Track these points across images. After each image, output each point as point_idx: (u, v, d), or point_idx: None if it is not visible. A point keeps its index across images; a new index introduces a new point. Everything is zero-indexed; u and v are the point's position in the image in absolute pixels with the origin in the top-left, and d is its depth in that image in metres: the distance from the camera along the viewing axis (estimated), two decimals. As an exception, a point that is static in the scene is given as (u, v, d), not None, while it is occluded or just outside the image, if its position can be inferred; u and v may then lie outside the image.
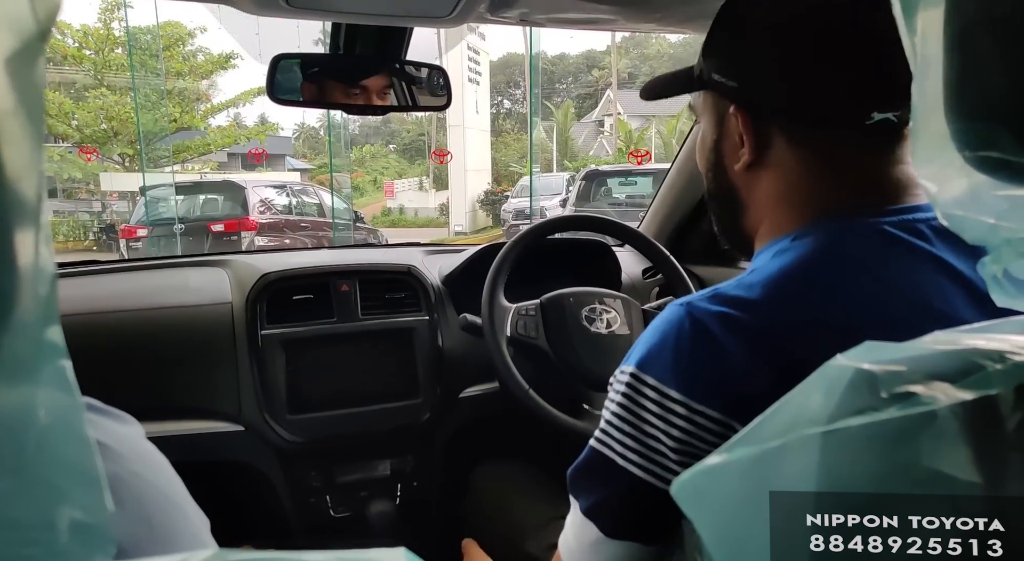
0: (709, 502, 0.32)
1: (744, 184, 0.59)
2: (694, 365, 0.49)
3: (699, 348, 0.49)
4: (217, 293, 1.21)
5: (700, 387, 0.48)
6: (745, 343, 0.48)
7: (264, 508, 1.22)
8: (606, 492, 0.52)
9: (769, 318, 0.49)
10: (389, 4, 0.85)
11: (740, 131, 0.57)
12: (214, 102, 14.39)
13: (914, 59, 0.35)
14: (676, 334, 0.50)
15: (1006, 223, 0.33)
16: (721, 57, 0.58)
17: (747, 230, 0.61)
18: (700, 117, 0.64)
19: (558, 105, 23.30)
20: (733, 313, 0.49)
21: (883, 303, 0.49)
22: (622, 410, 0.51)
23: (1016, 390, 0.30)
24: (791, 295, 0.50)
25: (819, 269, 0.51)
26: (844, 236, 0.52)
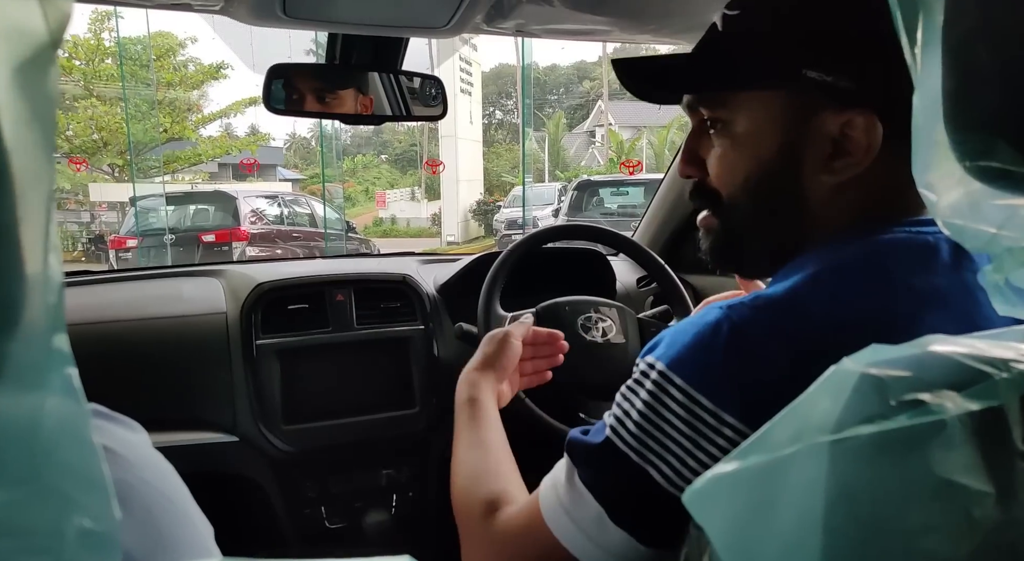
0: (721, 509, 0.32)
1: (825, 199, 0.52)
2: (727, 373, 0.45)
3: (733, 355, 0.45)
4: (211, 303, 1.20)
5: (732, 397, 0.45)
6: (784, 350, 0.45)
7: (258, 519, 1.21)
8: (613, 477, 0.48)
9: (816, 318, 0.46)
10: (386, 14, 0.85)
11: (839, 137, 0.49)
12: (205, 112, 14.35)
13: (914, 69, 0.35)
14: (712, 337, 0.46)
15: (1007, 232, 0.33)
16: (820, 48, 0.48)
17: (792, 249, 0.54)
18: (733, 116, 0.53)
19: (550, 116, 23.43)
20: (775, 319, 0.46)
21: (928, 314, 0.46)
22: (645, 408, 0.47)
23: (1022, 400, 0.30)
24: (827, 299, 0.47)
25: (868, 274, 0.48)
26: (882, 244, 0.49)
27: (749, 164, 0.53)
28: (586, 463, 0.50)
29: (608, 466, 0.49)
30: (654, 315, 1.22)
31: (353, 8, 0.82)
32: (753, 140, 0.53)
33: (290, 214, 9.62)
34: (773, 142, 0.52)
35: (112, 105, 12.30)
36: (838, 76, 0.48)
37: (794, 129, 0.51)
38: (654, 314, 1.23)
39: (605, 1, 0.90)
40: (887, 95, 0.47)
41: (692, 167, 0.58)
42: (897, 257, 0.48)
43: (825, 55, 0.48)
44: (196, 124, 13.66)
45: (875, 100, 0.48)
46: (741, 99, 0.53)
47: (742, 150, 0.54)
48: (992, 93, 0.31)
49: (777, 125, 0.52)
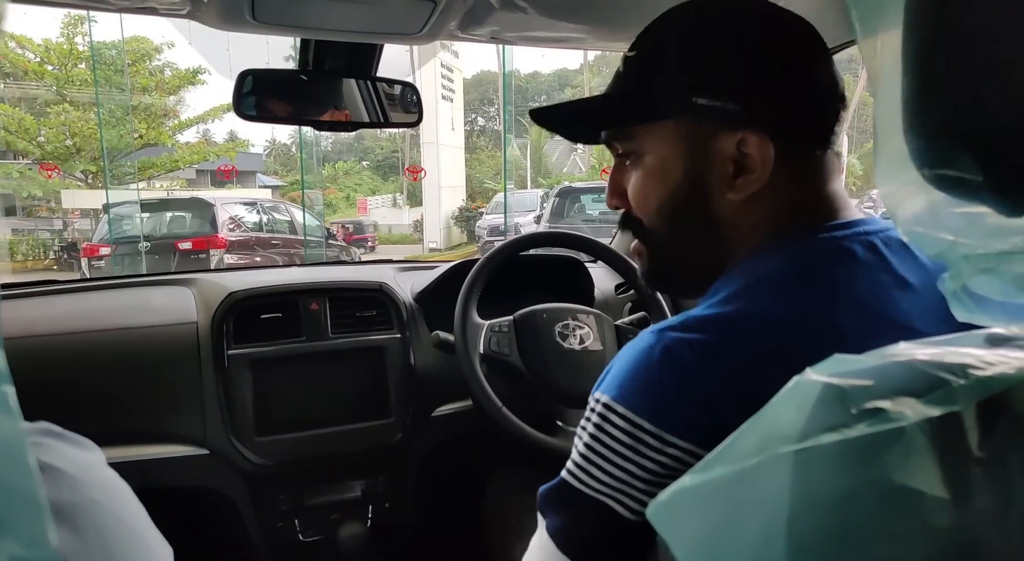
0: (685, 523, 0.32)
1: (735, 214, 0.55)
2: (665, 395, 0.47)
3: (669, 377, 0.47)
4: (181, 312, 1.17)
5: (672, 417, 0.46)
6: (716, 367, 0.47)
7: (229, 534, 1.18)
8: (572, 517, 0.50)
9: (740, 335, 0.48)
10: (359, 21, 0.85)
11: (738, 156, 0.52)
12: (182, 118, 14.18)
13: (874, 80, 0.35)
14: (647, 362, 0.48)
15: (964, 240, 0.33)
16: (705, 77, 0.53)
17: (716, 266, 0.57)
18: (641, 149, 0.57)
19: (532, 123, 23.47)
20: (703, 338, 0.48)
21: (848, 316, 0.48)
22: (593, 440, 0.49)
23: (978, 406, 0.30)
24: (756, 314, 0.49)
25: (782, 287, 0.50)
26: (805, 252, 0.52)
27: (660, 191, 0.57)
28: (550, 509, 0.51)
29: (565, 502, 0.50)
30: (632, 322, 1.22)
31: (325, 14, 0.81)
32: (661, 168, 0.56)
33: (269, 221, 9.52)
34: (679, 168, 0.55)
35: (86, 110, 12.11)
36: (724, 100, 0.52)
37: (695, 154, 0.54)
38: (632, 321, 1.23)
39: (578, 10, 0.90)
40: (771, 112, 0.52)
41: (616, 198, 0.61)
42: (817, 263, 0.51)
43: (710, 82, 0.52)
44: (173, 130, 13.50)
45: (761, 118, 0.52)
46: (645, 132, 0.56)
47: (653, 179, 0.57)
48: (950, 102, 0.32)
49: (680, 152, 0.55)
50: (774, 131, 0.52)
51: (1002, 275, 0.33)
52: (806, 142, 0.54)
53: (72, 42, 12.14)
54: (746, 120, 0.52)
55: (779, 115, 0.52)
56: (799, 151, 0.53)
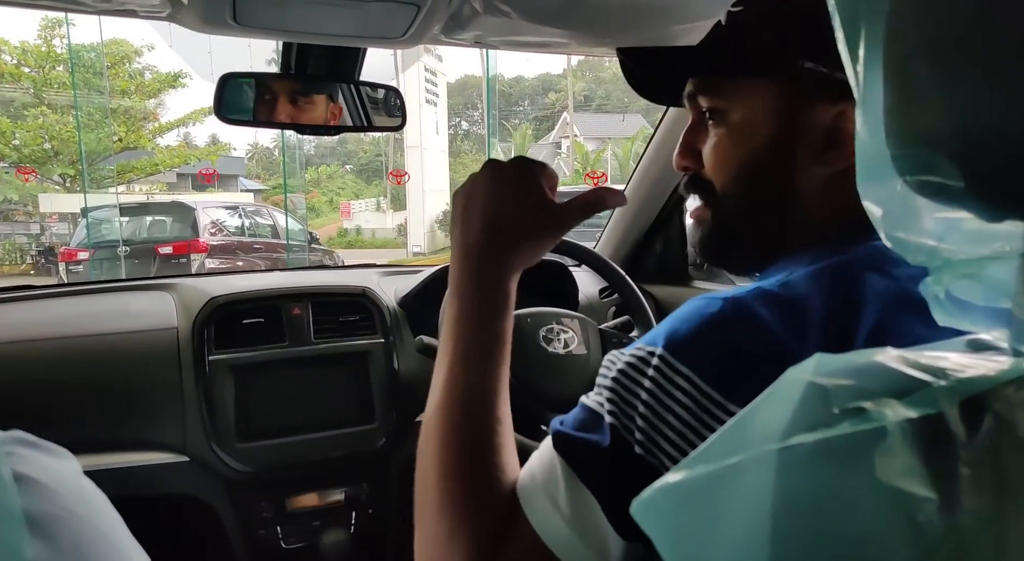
0: (668, 520, 0.32)
1: (816, 190, 0.51)
2: (738, 360, 0.42)
3: (746, 338, 0.42)
4: (161, 318, 1.16)
5: (744, 388, 0.39)
6: (786, 343, 0.42)
7: (210, 542, 1.16)
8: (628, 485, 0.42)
9: (816, 315, 0.44)
10: (341, 24, 0.84)
11: (832, 129, 0.50)
12: (162, 121, 14.02)
13: (856, 85, 0.36)
14: (718, 320, 0.43)
15: (946, 245, 0.34)
16: (817, 40, 0.47)
17: (782, 243, 0.53)
18: (730, 106, 0.53)
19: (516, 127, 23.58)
20: (779, 311, 0.43)
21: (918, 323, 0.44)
22: (649, 396, 0.43)
23: (960, 407, 0.30)
24: (835, 299, 0.45)
25: (865, 278, 0.46)
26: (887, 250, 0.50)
27: (742, 153, 0.53)
28: (594, 468, 0.43)
29: (622, 470, 0.43)
30: (616, 326, 1.22)
31: (306, 17, 0.80)
32: (749, 129, 0.53)
33: (251, 225, 9.44)
34: (768, 132, 0.52)
35: (64, 113, 11.93)
36: (833, 68, 0.48)
37: (789, 119, 0.51)
38: (615, 325, 1.23)
39: (562, 15, 0.90)
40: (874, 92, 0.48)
41: (688, 159, 0.58)
42: (895, 261, 0.47)
43: (822, 47, 0.48)
44: (153, 133, 13.34)
45: None
46: (739, 87, 0.53)
47: (737, 139, 0.54)
48: (931, 108, 0.32)
49: (772, 114, 0.52)
50: None
51: (983, 280, 0.34)
52: None
53: (50, 44, 11.96)
54: (851, 93, 0.50)
55: None
56: None
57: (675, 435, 0.42)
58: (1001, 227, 0.33)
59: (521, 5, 0.86)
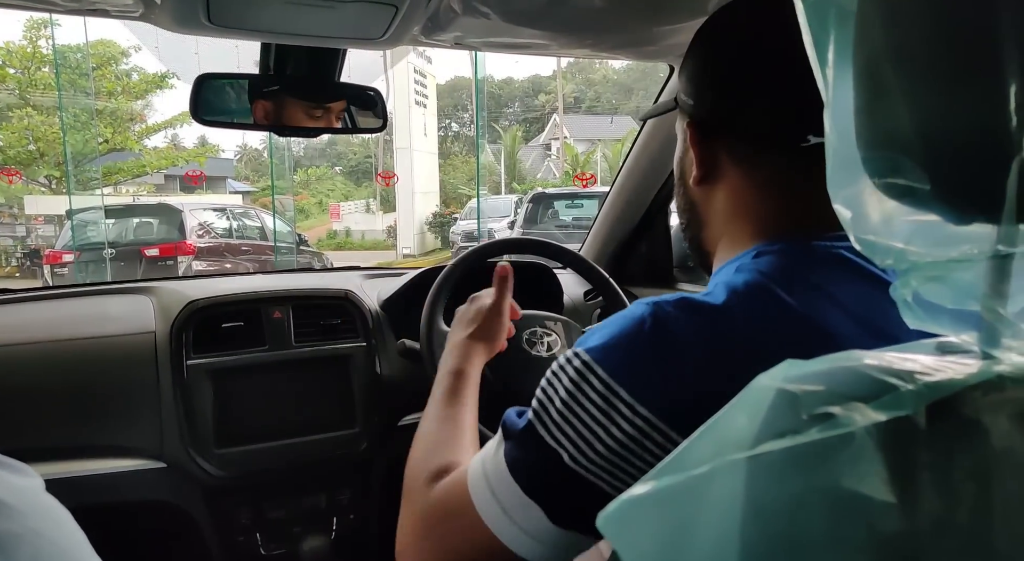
0: (636, 533, 0.31)
1: (701, 199, 0.61)
2: (648, 367, 0.47)
3: (658, 350, 0.47)
4: (139, 322, 1.14)
5: (651, 392, 0.46)
6: (706, 348, 0.47)
7: (187, 550, 1.15)
8: (529, 454, 0.50)
9: (730, 327, 0.48)
10: (318, 25, 0.83)
11: (704, 156, 0.59)
12: (149, 123, 13.91)
13: (825, 88, 0.35)
14: (637, 331, 0.48)
15: (913, 247, 0.34)
16: (684, 77, 0.60)
17: (706, 246, 0.62)
18: (678, 135, 0.65)
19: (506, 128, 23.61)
20: (698, 321, 0.48)
21: (837, 321, 0.49)
22: (567, 395, 0.49)
23: (927, 410, 0.30)
24: (751, 309, 0.49)
25: (778, 287, 0.50)
26: (802, 256, 0.53)
27: (676, 173, 0.65)
28: (510, 442, 0.52)
29: (528, 447, 0.50)
30: (599, 328, 1.22)
31: (282, 17, 0.79)
32: (678, 153, 0.64)
33: (239, 227, 9.37)
34: (679, 154, 0.63)
35: (49, 115, 11.80)
36: (687, 96, 0.59)
37: (683, 142, 0.62)
38: (599, 327, 1.23)
39: (541, 17, 0.90)
40: (701, 111, 0.58)
41: None
42: (810, 267, 0.52)
43: (691, 82, 0.59)
44: (140, 135, 13.22)
45: (695, 114, 0.58)
46: (677, 121, 0.64)
47: (677, 161, 0.65)
48: (898, 113, 0.32)
49: (680, 139, 0.63)
50: (704, 125, 0.58)
51: (951, 283, 0.34)
52: (758, 143, 0.56)
53: (35, 45, 11.84)
54: (690, 113, 0.59)
55: (715, 112, 0.57)
56: (753, 152, 0.56)
57: (585, 430, 0.47)
58: (969, 230, 0.32)
59: (500, 7, 0.86)
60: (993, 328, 0.32)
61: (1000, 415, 0.30)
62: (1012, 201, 0.29)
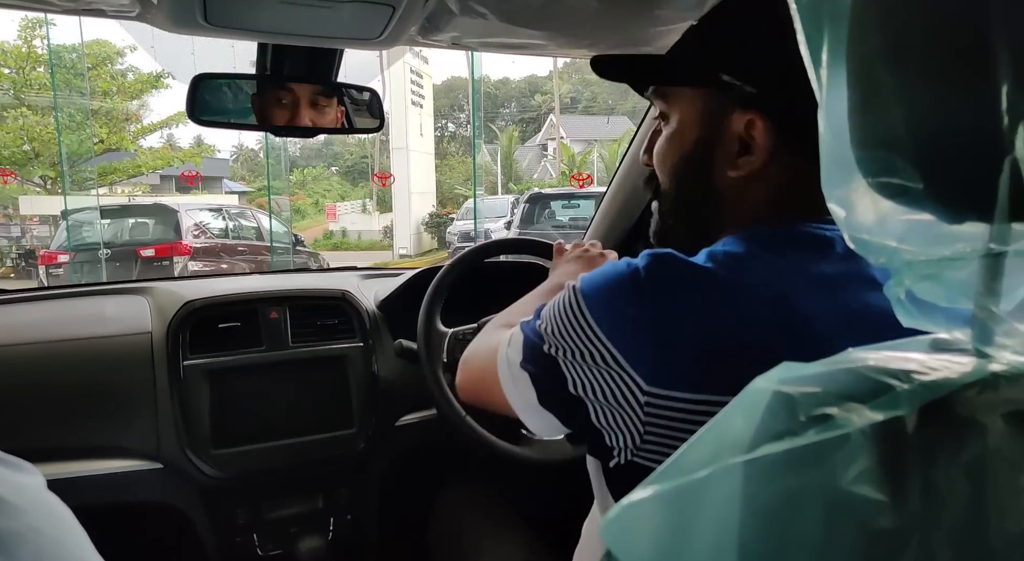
0: (636, 537, 0.32)
1: (733, 191, 0.58)
2: (630, 319, 0.50)
3: (643, 302, 0.50)
4: (135, 322, 1.14)
5: (625, 341, 0.50)
6: (689, 313, 0.49)
7: (184, 551, 1.15)
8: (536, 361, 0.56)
9: (719, 294, 0.50)
10: (315, 25, 0.83)
11: (745, 137, 0.55)
12: (145, 123, 13.86)
13: (819, 89, 0.36)
14: (629, 281, 0.51)
15: (907, 246, 0.34)
16: (733, 57, 0.56)
17: (709, 234, 0.60)
18: (671, 111, 0.61)
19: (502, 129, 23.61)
20: (689, 282, 0.50)
21: (815, 302, 0.50)
22: (561, 318, 0.54)
23: (921, 410, 0.30)
24: (740, 278, 0.51)
25: (767, 262, 0.52)
26: (794, 236, 0.54)
27: (675, 154, 0.61)
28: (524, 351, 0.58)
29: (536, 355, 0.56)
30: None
31: (279, 17, 0.79)
32: (680, 132, 0.60)
33: (236, 227, 9.34)
34: (693, 135, 0.59)
35: (44, 115, 11.77)
36: (744, 81, 0.55)
37: (710, 126, 0.58)
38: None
39: (539, 17, 0.90)
40: (782, 103, 0.55)
41: (647, 155, 0.65)
42: (796, 245, 0.54)
43: (740, 63, 0.55)
44: (135, 135, 13.18)
45: (771, 106, 0.55)
46: (678, 95, 0.60)
47: (672, 141, 0.61)
48: (891, 112, 0.32)
49: (698, 121, 0.59)
50: (782, 121, 0.54)
51: (944, 281, 0.34)
52: (809, 137, 0.54)
53: (30, 45, 11.80)
54: (758, 105, 0.55)
55: (788, 108, 0.54)
56: (802, 144, 0.55)
57: (565, 342, 0.53)
58: (961, 229, 0.33)
59: (497, 7, 0.86)
60: (986, 326, 0.32)
61: (994, 414, 0.30)
62: (1004, 200, 0.29)
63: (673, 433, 0.49)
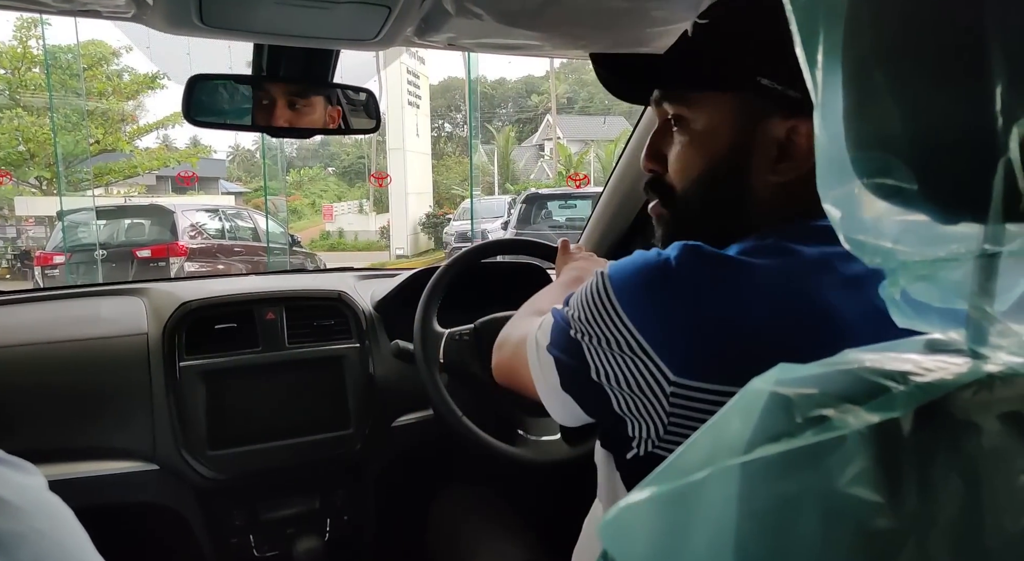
0: (633, 540, 0.32)
1: (769, 194, 0.56)
2: (657, 309, 0.49)
3: (671, 294, 0.50)
4: (131, 323, 1.14)
5: (653, 330, 0.49)
6: (720, 305, 0.49)
7: (180, 552, 1.14)
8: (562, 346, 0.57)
9: (752, 288, 0.50)
10: (311, 26, 0.83)
11: (785, 142, 0.54)
12: (141, 123, 13.82)
13: (815, 89, 0.36)
14: (661, 271, 0.51)
15: (901, 246, 0.34)
16: (773, 60, 0.53)
17: (732, 236, 0.58)
18: (692, 116, 0.59)
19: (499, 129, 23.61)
20: (722, 274, 0.50)
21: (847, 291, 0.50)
22: (590, 305, 0.54)
23: (917, 411, 0.30)
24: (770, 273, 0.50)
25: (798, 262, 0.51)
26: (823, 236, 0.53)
27: (704, 160, 0.58)
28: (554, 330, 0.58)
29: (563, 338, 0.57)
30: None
31: (275, 18, 0.79)
32: (710, 138, 0.58)
33: (232, 228, 9.32)
34: (726, 141, 0.57)
35: (39, 115, 11.72)
36: (787, 86, 0.53)
37: (746, 131, 0.56)
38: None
39: (536, 18, 0.90)
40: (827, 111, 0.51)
41: (654, 162, 0.63)
42: (824, 243, 0.52)
43: (779, 66, 0.52)
44: (131, 135, 13.15)
45: None
46: (703, 99, 0.58)
47: (699, 146, 0.58)
48: (886, 113, 0.32)
49: (731, 125, 0.56)
50: None
51: (939, 281, 0.34)
52: None
53: (26, 45, 11.75)
54: (802, 110, 0.52)
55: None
56: None
57: (592, 329, 0.53)
58: (956, 229, 0.33)
59: (494, 7, 0.85)
60: (981, 326, 0.33)
61: (990, 415, 0.30)
62: (999, 200, 0.29)
63: (698, 425, 0.48)
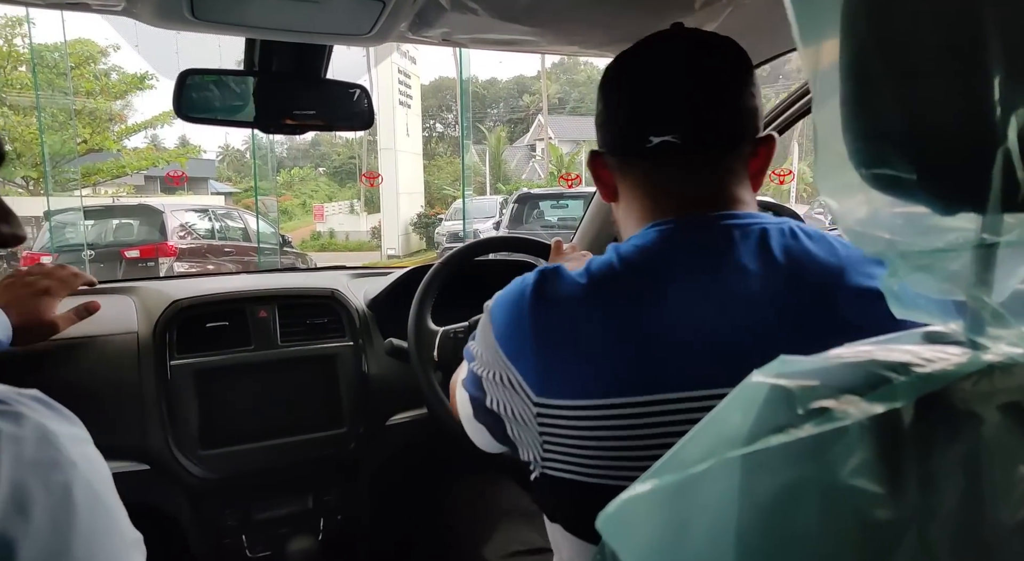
0: (635, 532, 0.31)
1: (616, 215, 0.69)
2: (517, 329, 0.56)
3: (530, 315, 0.55)
4: (121, 322, 1.12)
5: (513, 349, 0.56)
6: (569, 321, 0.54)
7: (172, 553, 1.13)
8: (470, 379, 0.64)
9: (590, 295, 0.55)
10: (304, 20, 0.82)
11: None
12: (129, 123, 13.71)
13: (814, 83, 0.36)
14: (519, 296, 0.57)
15: (900, 237, 0.34)
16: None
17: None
18: None
19: (491, 129, 23.60)
20: (566, 295, 0.55)
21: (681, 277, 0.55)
22: (479, 339, 0.62)
23: (917, 402, 0.30)
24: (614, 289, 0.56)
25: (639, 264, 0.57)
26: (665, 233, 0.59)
27: None
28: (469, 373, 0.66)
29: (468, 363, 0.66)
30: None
31: (267, 12, 0.78)
32: None
33: (222, 228, 9.26)
34: None
35: (26, 115, 11.60)
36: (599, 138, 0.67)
37: None
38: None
39: (529, 13, 0.90)
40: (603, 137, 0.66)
41: None
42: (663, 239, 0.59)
43: None
44: (119, 135, 13.03)
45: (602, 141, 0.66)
46: None
47: None
48: (884, 104, 0.32)
49: None
50: (608, 150, 0.65)
51: (937, 272, 0.34)
52: (616, 152, 0.64)
53: (11, 43, 11.63)
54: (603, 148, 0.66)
55: (606, 137, 0.65)
56: (617, 161, 0.64)
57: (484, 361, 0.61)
58: (954, 220, 0.33)
59: (487, 3, 0.85)
60: (979, 316, 0.33)
61: (990, 405, 0.30)
62: (997, 191, 0.29)
63: (567, 442, 0.54)
